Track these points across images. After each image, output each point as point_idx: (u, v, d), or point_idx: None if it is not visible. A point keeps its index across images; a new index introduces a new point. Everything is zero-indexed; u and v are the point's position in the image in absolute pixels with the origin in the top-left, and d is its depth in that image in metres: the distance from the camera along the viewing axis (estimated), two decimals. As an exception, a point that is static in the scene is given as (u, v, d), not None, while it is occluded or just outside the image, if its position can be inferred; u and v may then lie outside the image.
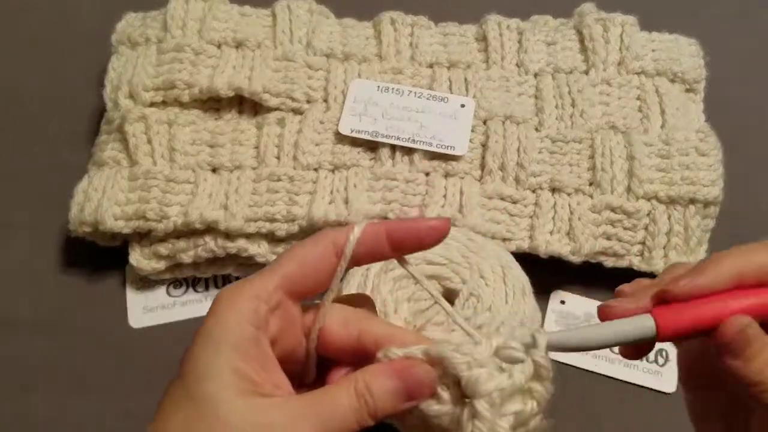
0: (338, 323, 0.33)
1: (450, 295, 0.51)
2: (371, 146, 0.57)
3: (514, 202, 0.55)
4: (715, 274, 0.31)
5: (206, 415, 0.28)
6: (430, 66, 0.61)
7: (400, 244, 0.33)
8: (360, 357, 0.33)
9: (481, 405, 0.29)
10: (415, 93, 0.58)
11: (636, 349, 0.33)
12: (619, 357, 0.45)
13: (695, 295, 0.31)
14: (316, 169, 0.56)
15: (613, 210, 0.54)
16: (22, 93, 0.66)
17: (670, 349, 0.54)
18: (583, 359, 0.54)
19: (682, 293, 0.31)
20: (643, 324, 0.31)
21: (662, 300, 0.32)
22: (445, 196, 0.55)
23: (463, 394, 0.30)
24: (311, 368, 0.34)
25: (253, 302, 0.30)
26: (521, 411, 0.30)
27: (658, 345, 0.44)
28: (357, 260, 0.32)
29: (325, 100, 0.58)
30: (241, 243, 0.54)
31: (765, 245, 0.33)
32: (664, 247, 0.54)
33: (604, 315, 0.32)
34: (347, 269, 0.32)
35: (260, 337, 0.30)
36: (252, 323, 0.30)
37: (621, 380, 0.54)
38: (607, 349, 0.54)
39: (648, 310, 0.31)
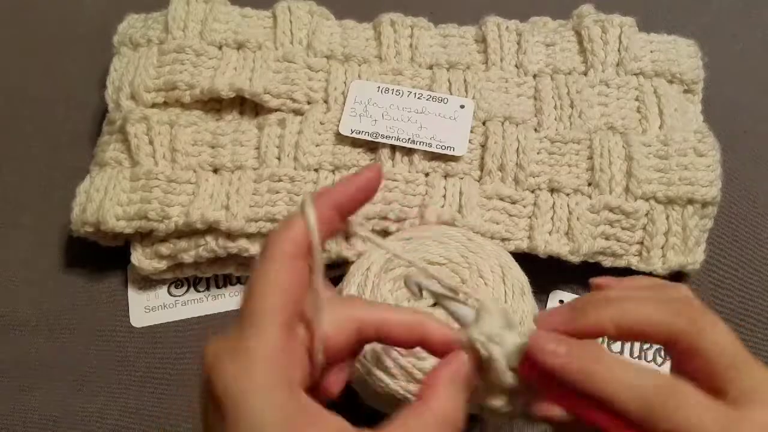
0: (333, 329, 0.32)
1: (449, 295, 0.51)
2: (371, 147, 0.57)
3: (513, 203, 0.55)
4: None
5: None
6: (430, 67, 0.61)
7: (348, 208, 0.34)
8: (359, 347, 0.34)
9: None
10: (415, 94, 0.58)
11: None
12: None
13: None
14: (316, 170, 0.56)
15: (611, 210, 0.54)
16: (24, 93, 0.66)
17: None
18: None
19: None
20: None
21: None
22: (444, 197, 0.55)
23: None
24: (318, 378, 0.33)
25: (275, 360, 0.29)
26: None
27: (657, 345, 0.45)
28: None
29: (326, 101, 0.59)
30: (242, 243, 0.54)
31: (644, 291, 0.33)
32: (662, 247, 0.54)
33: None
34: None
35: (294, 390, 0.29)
36: (282, 379, 0.29)
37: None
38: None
39: None
